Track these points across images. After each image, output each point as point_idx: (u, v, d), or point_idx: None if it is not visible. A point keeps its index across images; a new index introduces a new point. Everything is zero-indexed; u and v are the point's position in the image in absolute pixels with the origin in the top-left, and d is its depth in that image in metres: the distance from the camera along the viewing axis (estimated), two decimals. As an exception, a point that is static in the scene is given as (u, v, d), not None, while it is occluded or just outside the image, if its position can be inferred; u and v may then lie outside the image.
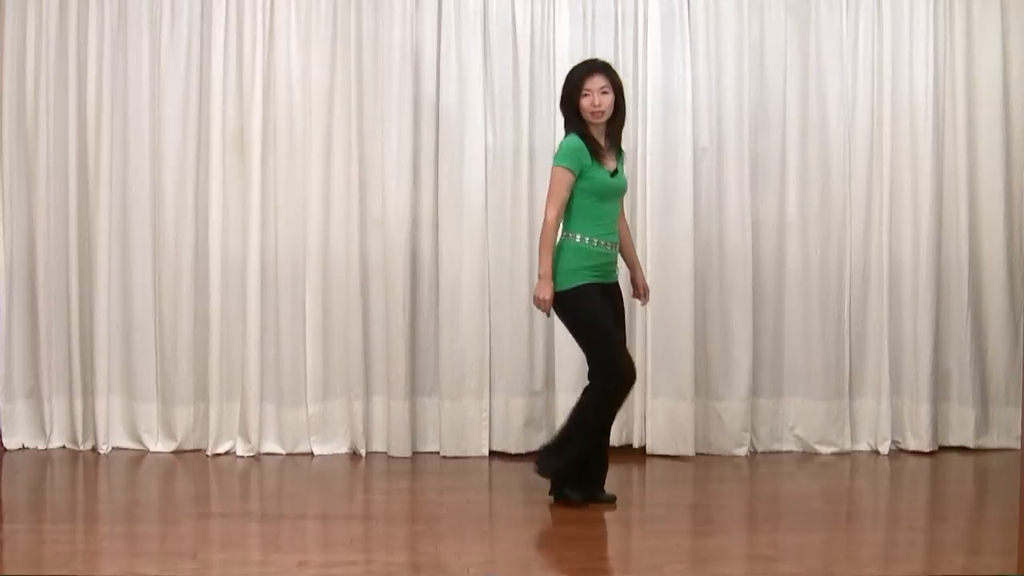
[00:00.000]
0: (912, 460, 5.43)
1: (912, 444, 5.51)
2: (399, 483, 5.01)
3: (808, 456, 5.48)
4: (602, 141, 4.46)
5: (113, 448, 5.45)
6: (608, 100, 4.40)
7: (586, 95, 4.40)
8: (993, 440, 5.57)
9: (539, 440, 5.46)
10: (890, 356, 5.50)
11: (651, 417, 5.43)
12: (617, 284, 4.55)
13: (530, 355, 5.45)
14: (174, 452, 5.43)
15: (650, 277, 5.40)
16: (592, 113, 4.40)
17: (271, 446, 5.46)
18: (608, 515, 4.53)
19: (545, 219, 4.39)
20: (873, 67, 5.50)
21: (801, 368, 5.52)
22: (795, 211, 5.51)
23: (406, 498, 4.82)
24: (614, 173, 4.46)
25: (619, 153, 4.55)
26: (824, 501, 4.53)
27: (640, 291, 4.75)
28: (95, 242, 5.39)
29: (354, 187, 5.41)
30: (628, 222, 5.44)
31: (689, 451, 5.40)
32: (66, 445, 5.49)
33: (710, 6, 5.45)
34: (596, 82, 4.40)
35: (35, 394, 5.49)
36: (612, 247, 4.49)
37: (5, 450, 5.45)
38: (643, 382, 5.42)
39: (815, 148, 5.51)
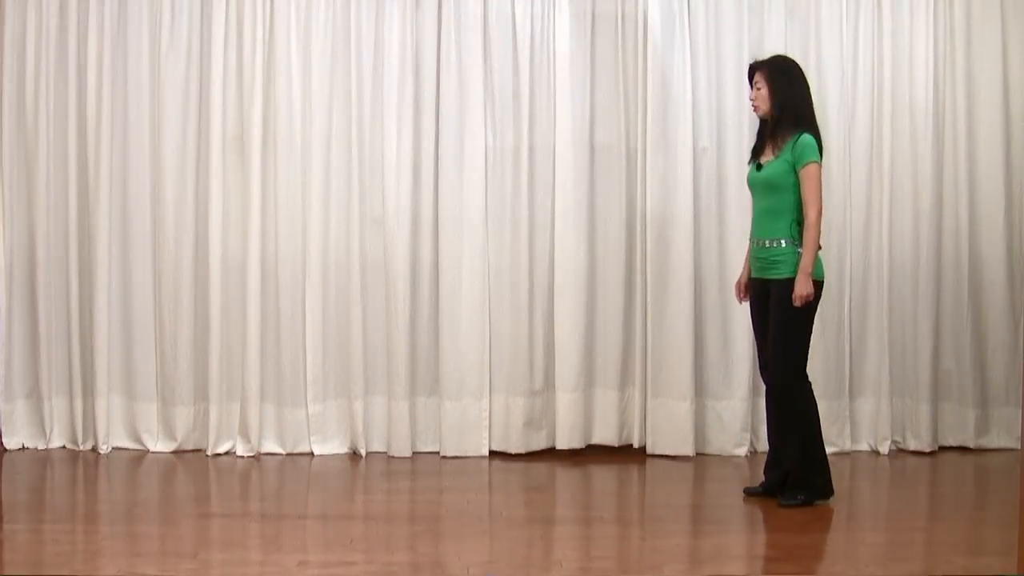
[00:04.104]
0: (912, 460, 5.43)
1: (912, 444, 5.51)
2: (399, 483, 5.01)
3: (808, 456, 5.48)
4: (768, 136, 4.54)
5: (113, 448, 5.45)
6: (760, 95, 4.52)
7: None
8: (993, 440, 5.56)
9: (539, 440, 5.48)
10: (890, 356, 5.49)
11: (651, 417, 5.43)
12: (776, 282, 4.45)
13: (530, 355, 5.45)
14: (174, 452, 5.43)
15: (650, 276, 5.42)
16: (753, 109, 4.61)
17: (271, 446, 5.46)
18: (608, 515, 4.53)
19: None
20: (873, 67, 5.50)
21: (801, 368, 5.52)
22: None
23: (406, 498, 4.82)
24: (759, 168, 4.54)
25: (788, 144, 4.43)
26: (824, 501, 4.53)
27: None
28: (95, 242, 5.39)
29: (354, 187, 5.41)
30: (627, 221, 5.49)
31: (689, 451, 5.40)
32: (66, 445, 5.49)
33: (710, 6, 5.45)
34: (754, 79, 4.56)
35: (35, 394, 5.49)
36: (754, 242, 4.59)
37: (5, 450, 5.45)
38: (643, 382, 5.43)
39: (815, 148, 5.51)
